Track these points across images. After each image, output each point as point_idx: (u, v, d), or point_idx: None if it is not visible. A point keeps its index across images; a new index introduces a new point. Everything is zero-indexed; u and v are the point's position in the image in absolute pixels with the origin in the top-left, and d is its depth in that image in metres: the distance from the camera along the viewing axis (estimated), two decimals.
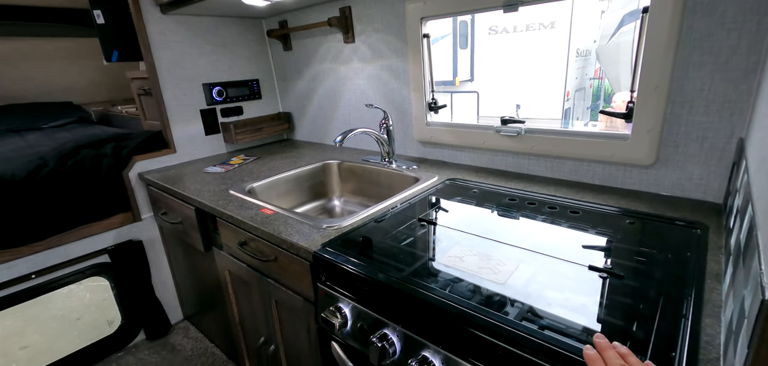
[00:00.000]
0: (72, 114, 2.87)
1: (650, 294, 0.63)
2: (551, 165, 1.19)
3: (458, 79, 7.36)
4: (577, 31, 5.55)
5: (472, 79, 7.26)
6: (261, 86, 1.99)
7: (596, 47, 5.81)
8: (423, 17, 1.32)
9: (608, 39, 4.96)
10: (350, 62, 1.65)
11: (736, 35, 0.82)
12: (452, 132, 1.38)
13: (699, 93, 0.89)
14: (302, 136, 2.06)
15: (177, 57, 1.68)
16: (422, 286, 0.69)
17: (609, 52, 5.24)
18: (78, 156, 1.55)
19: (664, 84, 0.92)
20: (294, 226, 0.98)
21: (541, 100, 6.40)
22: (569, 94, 6.78)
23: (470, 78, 7.23)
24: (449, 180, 1.24)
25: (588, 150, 1.08)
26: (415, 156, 1.54)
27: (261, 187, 1.38)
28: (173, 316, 1.91)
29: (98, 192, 1.55)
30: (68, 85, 3.18)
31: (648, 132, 0.97)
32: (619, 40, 4.76)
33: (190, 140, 1.78)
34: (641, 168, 1.02)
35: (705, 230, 0.81)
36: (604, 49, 5.35)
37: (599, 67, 7.08)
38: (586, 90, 7.50)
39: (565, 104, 6.68)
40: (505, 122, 1.25)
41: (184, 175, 1.55)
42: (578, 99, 7.14)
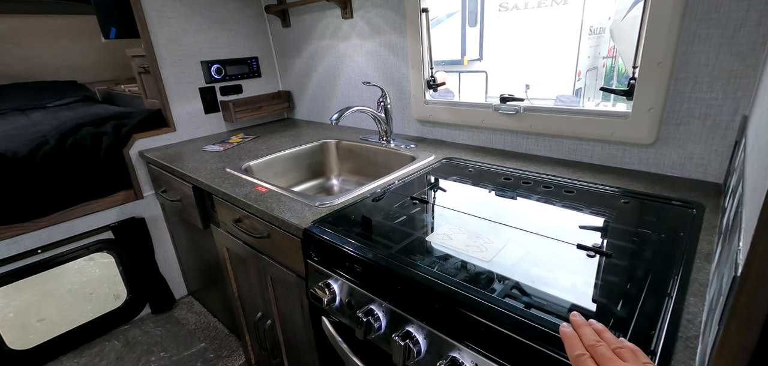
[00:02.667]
0: (76, 93, 2.89)
1: (638, 273, 0.62)
2: (550, 144, 1.16)
3: (466, 59, 7.19)
4: (591, 8, 5.35)
5: (480, 58, 7.08)
6: (260, 64, 1.97)
7: (610, 24, 5.61)
8: None
9: (624, 15, 4.78)
10: (349, 39, 1.61)
11: (746, 6, 0.77)
12: (451, 110, 1.36)
13: (703, 68, 0.85)
14: (302, 115, 2.05)
15: (174, 34, 1.66)
16: (408, 263, 0.69)
17: (624, 29, 5.06)
18: (78, 134, 1.56)
19: (667, 59, 0.88)
20: (286, 204, 0.99)
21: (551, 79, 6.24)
22: (581, 74, 6.59)
23: (479, 57, 7.06)
24: (446, 159, 1.23)
25: (587, 129, 1.06)
26: (414, 135, 1.53)
27: (258, 165, 1.38)
28: (177, 292, 1.97)
29: (99, 169, 1.57)
30: (72, 64, 3.19)
31: (649, 110, 0.94)
32: (636, 16, 4.59)
33: (189, 119, 1.78)
34: (641, 147, 0.99)
35: (701, 210, 0.79)
36: (619, 26, 5.17)
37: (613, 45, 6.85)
38: (598, 69, 7.28)
39: (576, 84, 6.51)
40: (504, 100, 1.22)
41: (183, 153, 1.56)
42: (590, 79, 6.94)
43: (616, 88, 0.99)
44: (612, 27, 5.42)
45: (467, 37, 6.55)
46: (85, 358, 1.64)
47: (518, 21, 5.89)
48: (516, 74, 6.72)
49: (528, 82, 6.80)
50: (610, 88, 1.04)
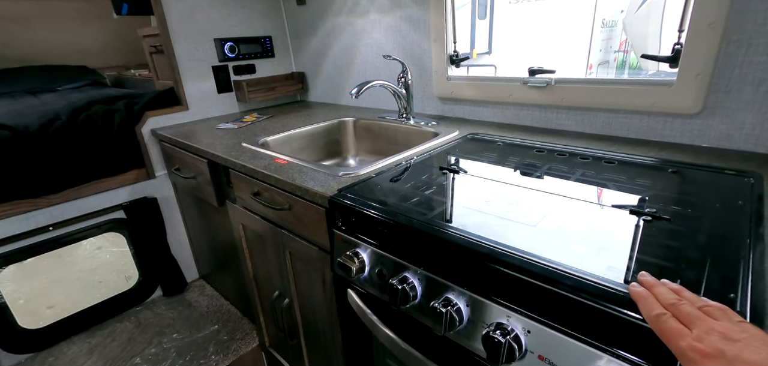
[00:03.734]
0: (86, 77, 2.87)
1: (700, 239, 0.56)
2: (582, 118, 1.11)
3: (475, 52, 7.09)
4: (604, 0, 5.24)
5: (490, 51, 6.98)
6: (274, 44, 1.93)
7: (623, 17, 5.49)
8: None
9: (637, 8, 4.67)
10: (367, 14, 1.56)
11: None
12: (475, 85, 1.30)
13: (761, 28, 0.79)
14: (316, 97, 2.00)
15: (188, 9, 1.62)
16: (446, 227, 0.64)
17: (637, 24, 4.95)
18: (90, 111, 1.53)
19: (720, 19, 0.82)
20: (309, 174, 0.94)
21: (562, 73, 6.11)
22: (592, 68, 6.48)
23: (488, 51, 6.96)
24: (471, 134, 1.18)
25: (625, 99, 1.00)
26: (435, 114, 1.48)
27: (275, 141, 1.34)
28: (189, 275, 1.94)
29: (111, 147, 1.54)
30: (82, 48, 3.17)
31: (697, 76, 0.88)
32: (649, 10, 4.48)
33: (202, 97, 1.74)
34: (684, 117, 0.93)
35: (759, 179, 0.73)
36: (632, 20, 5.06)
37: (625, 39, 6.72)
38: (610, 63, 7.16)
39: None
40: (533, 73, 1.17)
41: (197, 131, 1.53)
42: (601, 73, 6.81)
43: (659, 55, 0.93)
44: (625, 20, 5.31)
45: (477, 29, 6.46)
46: (97, 338, 1.62)
47: (529, 13, 5.78)
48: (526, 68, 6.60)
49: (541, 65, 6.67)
50: (654, 55, 0.98)
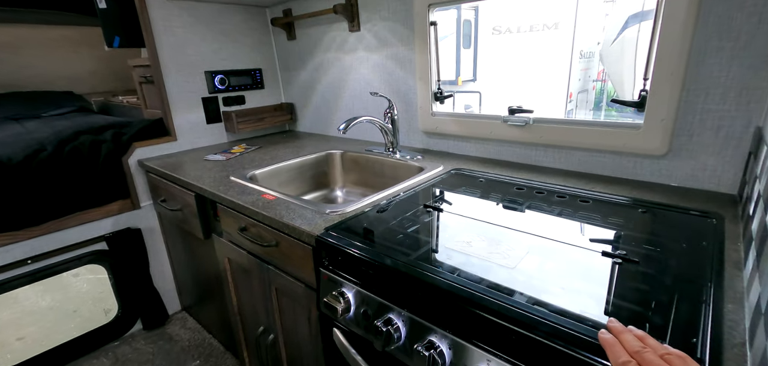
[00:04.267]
0: (72, 103, 2.85)
1: (666, 281, 0.60)
2: (560, 156, 1.16)
3: (461, 79, 7.34)
4: (581, 33, 5.53)
5: (474, 79, 7.24)
6: (264, 76, 1.97)
7: (600, 49, 5.79)
8: (431, 4, 1.30)
9: (612, 41, 4.94)
10: (355, 51, 1.62)
11: (757, 19, 0.79)
12: (458, 122, 1.36)
13: (716, 80, 0.86)
14: (305, 127, 2.04)
15: (180, 43, 1.65)
16: (429, 270, 0.67)
17: (612, 54, 5.22)
18: (77, 141, 1.52)
19: (679, 70, 0.89)
20: (296, 211, 0.96)
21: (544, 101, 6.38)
22: (572, 96, 6.76)
23: (473, 78, 7.21)
24: (455, 170, 1.22)
25: (598, 140, 1.06)
26: (420, 147, 1.52)
27: (263, 174, 1.35)
28: (171, 307, 1.89)
29: (97, 178, 1.53)
30: (69, 74, 3.16)
31: (661, 120, 0.94)
32: (623, 43, 4.74)
33: (191, 128, 1.76)
34: (653, 158, 0.99)
35: (721, 220, 0.78)
36: (608, 51, 5.33)
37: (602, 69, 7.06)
38: (589, 92, 7.47)
39: (567, 106, 6.66)
40: (513, 112, 1.23)
41: (185, 162, 1.53)
42: (581, 101, 7.12)
43: (627, 100, 1.00)
44: (601, 51, 5.60)
45: (462, 58, 6.70)
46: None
47: (511, 44, 6.05)
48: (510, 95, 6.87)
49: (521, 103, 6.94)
50: (621, 99, 1.05)
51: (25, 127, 2.20)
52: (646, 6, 4.27)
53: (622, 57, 4.97)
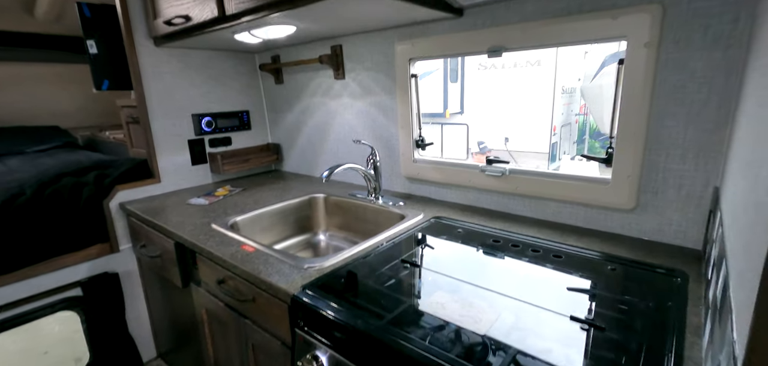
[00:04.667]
0: (57, 138, 2.83)
1: (631, 347, 0.62)
2: (535, 205, 1.19)
3: (448, 112, 7.54)
4: (563, 70, 5.78)
5: (462, 111, 7.45)
6: (251, 117, 2.00)
7: (581, 86, 6.04)
8: (411, 58, 1.36)
9: (591, 79, 5.17)
10: (340, 97, 1.67)
11: (706, 90, 0.85)
12: (438, 169, 1.39)
13: (674, 141, 0.92)
14: (290, 168, 2.06)
15: (168, 88, 1.68)
16: (401, 337, 0.67)
17: (592, 91, 5.44)
18: (58, 184, 1.51)
19: (641, 131, 0.94)
20: (274, 266, 0.96)
21: (529, 133, 6.58)
22: (556, 129, 6.98)
23: (460, 111, 7.42)
24: (435, 218, 1.24)
25: (570, 193, 1.10)
26: (402, 192, 1.54)
27: (244, 221, 1.35)
28: (146, 354, 1.82)
29: (76, 222, 1.50)
30: (56, 109, 3.16)
31: (627, 177, 0.99)
32: (602, 81, 4.97)
33: (175, 170, 1.76)
34: (622, 212, 1.03)
35: (685, 279, 0.81)
36: (588, 89, 5.56)
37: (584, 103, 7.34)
38: (572, 125, 7.73)
39: (551, 138, 6.86)
40: (490, 162, 1.27)
41: (167, 206, 1.52)
42: (565, 133, 7.36)
43: (596, 155, 1.05)
44: (582, 88, 5.84)
45: (449, 92, 6.90)
46: None
47: (497, 79, 6.28)
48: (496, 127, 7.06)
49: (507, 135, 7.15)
50: (591, 155, 1.10)
51: (6, 165, 2.17)
52: (621, 46, 4.54)
53: (601, 94, 5.18)
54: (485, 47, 1.16)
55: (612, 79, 4.43)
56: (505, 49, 1.12)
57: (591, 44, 0.99)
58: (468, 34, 1.19)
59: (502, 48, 1.12)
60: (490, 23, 1.15)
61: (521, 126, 6.65)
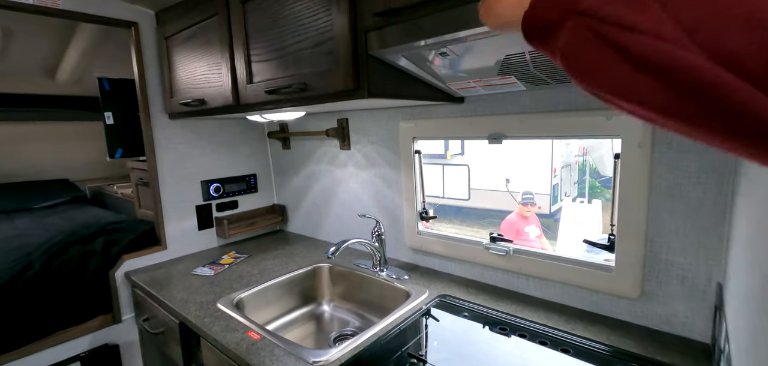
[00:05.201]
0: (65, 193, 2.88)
1: None
2: (541, 285, 1.20)
3: (449, 154, 7.67)
4: None
5: (462, 153, 7.56)
6: (258, 180, 2.05)
7: None
8: (414, 137, 1.42)
9: None
10: (345, 166, 1.72)
11: (702, 189, 0.88)
12: (443, 243, 1.41)
13: (674, 235, 0.94)
14: (295, 228, 2.08)
15: (180, 157, 1.74)
16: None
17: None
18: (66, 255, 1.53)
19: (640, 224, 0.97)
20: (280, 359, 0.95)
21: (530, 174, 6.64)
22: (556, 171, 7.04)
23: (461, 152, 7.54)
24: (440, 298, 1.24)
25: (575, 277, 1.10)
26: (407, 261, 1.55)
27: (250, 296, 1.35)
28: None
29: (82, 294, 1.51)
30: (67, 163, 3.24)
31: (631, 267, 1.00)
32: None
33: (182, 236, 1.78)
34: (628, 300, 1.03)
35: None
36: None
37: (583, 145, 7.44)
38: (572, 166, 7.81)
39: (552, 180, 6.90)
40: (494, 239, 1.29)
41: (173, 277, 1.53)
42: (565, 174, 7.42)
43: (598, 242, 1.07)
44: None
45: None
46: None
47: None
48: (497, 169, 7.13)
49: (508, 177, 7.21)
50: (594, 241, 1.11)
51: (14, 224, 2.21)
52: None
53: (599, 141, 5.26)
54: (486, 133, 1.21)
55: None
56: (504, 137, 1.17)
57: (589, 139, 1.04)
58: (469, 120, 1.25)
59: (502, 136, 1.17)
60: (490, 112, 1.21)
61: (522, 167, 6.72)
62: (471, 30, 0.76)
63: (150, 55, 1.62)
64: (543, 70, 0.92)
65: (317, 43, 1.00)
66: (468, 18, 0.76)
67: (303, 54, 1.04)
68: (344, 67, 0.93)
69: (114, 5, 1.51)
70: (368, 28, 0.90)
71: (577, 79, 0.28)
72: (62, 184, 3.08)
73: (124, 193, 2.79)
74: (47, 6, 1.37)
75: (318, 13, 0.98)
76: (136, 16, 1.57)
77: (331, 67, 0.97)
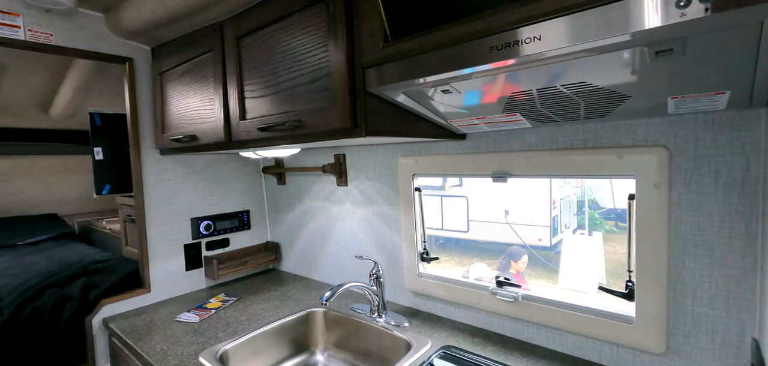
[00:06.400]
0: (52, 229, 2.78)
1: None
2: (553, 336, 1.10)
3: (448, 185, 7.64)
4: None
5: (461, 184, 7.53)
6: (251, 216, 1.97)
7: None
8: (414, 174, 1.36)
9: None
10: (342, 203, 1.65)
11: (727, 234, 0.82)
12: (445, 287, 1.31)
13: (700, 284, 0.86)
14: (289, 267, 1.97)
15: (169, 194, 1.67)
16: None
17: None
18: (40, 300, 1.42)
19: (661, 270, 0.89)
20: None
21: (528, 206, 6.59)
22: (555, 202, 7.00)
23: (459, 183, 7.51)
24: (444, 349, 1.13)
25: (591, 328, 1.01)
26: (407, 305, 1.45)
27: (235, 348, 1.24)
28: None
29: (53, 346, 1.39)
30: (57, 197, 3.15)
31: (653, 318, 0.91)
32: None
33: (167, 277, 1.67)
34: (652, 355, 0.94)
35: None
36: None
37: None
38: (570, 198, 7.78)
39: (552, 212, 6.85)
40: (501, 284, 1.20)
41: (154, 323, 1.41)
42: (564, 206, 7.37)
43: (615, 290, 0.99)
44: None
45: None
46: None
47: None
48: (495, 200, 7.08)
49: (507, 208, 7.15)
50: (609, 288, 1.03)
51: None
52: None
53: None
54: (489, 171, 1.15)
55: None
56: (510, 175, 1.11)
57: (600, 178, 0.98)
58: (472, 157, 1.19)
59: (508, 174, 1.12)
60: (494, 148, 1.16)
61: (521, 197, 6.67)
62: (475, 67, 0.72)
63: (143, 91, 1.59)
64: (550, 108, 0.88)
65: (313, 79, 0.96)
66: (472, 55, 0.72)
67: (298, 90, 1.00)
68: (341, 105, 0.88)
69: (109, 41, 1.49)
70: (366, 64, 0.86)
71: None
72: (50, 219, 2.98)
73: (113, 229, 2.69)
74: (40, 42, 1.34)
75: (314, 49, 0.94)
76: (132, 52, 1.55)
77: (327, 105, 0.92)
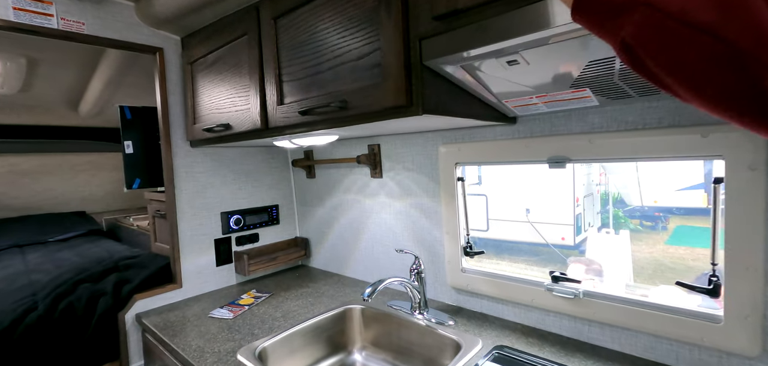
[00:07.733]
0: (81, 226, 2.82)
1: None
2: (619, 336, 1.00)
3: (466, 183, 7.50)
4: None
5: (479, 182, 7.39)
6: (280, 211, 1.92)
7: None
8: (457, 162, 1.28)
9: None
10: (377, 196, 1.58)
11: None
12: (492, 283, 1.23)
13: None
14: (319, 264, 1.92)
15: (200, 188, 1.64)
16: None
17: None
18: (74, 295, 1.40)
19: (758, 264, 0.79)
20: None
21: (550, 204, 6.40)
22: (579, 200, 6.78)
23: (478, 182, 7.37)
24: (497, 350, 1.05)
25: (668, 328, 0.91)
26: (450, 303, 1.37)
27: (273, 345, 1.19)
28: None
29: (87, 342, 1.37)
30: (86, 195, 3.20)
31: (746, 317, 0.81)
32: None
33: (198, 273, 1.64)
34: (743, 358, 0.83)
35: None
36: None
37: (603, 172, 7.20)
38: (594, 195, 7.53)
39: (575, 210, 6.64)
40: (557, 279, 1.11)
41: (187, 319, 1.38)
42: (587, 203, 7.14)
43: (697, 285, 0.88)
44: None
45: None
46: None
47: None
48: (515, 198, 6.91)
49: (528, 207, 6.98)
50: (688, 283, 0.92)
51: (25, 259, 2.11)
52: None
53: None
54: (545, 156, 1.06)
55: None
56: (569, 160, 1.02)
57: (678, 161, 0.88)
58: (525, 142, 1.10)
59: (566, 159, 1.02)
60: (549, 132, 1.07)
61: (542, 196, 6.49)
62: (550, 30, 0.64)
63: (174, 81, 1.56)
64: (627, 80, 0.78)
65: (360, 56, 0.89)
66: (547, 16, 0.63)
67: (343, 70, 0.93)
68: (394, 81, 0.81)
69: (139, 31, 1.46)
70: (424, 35, 0.79)
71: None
72: (78, 216, 3.03)
73: (140, 226, 2.70)
74: (73, 31, 1.32)
75: (362, 22, 0.88)
76: (161, 42, 1.52)
77: (377, 82, 0.85)
